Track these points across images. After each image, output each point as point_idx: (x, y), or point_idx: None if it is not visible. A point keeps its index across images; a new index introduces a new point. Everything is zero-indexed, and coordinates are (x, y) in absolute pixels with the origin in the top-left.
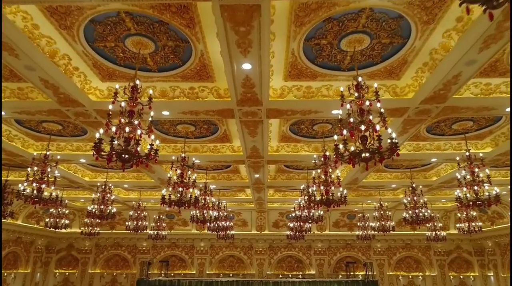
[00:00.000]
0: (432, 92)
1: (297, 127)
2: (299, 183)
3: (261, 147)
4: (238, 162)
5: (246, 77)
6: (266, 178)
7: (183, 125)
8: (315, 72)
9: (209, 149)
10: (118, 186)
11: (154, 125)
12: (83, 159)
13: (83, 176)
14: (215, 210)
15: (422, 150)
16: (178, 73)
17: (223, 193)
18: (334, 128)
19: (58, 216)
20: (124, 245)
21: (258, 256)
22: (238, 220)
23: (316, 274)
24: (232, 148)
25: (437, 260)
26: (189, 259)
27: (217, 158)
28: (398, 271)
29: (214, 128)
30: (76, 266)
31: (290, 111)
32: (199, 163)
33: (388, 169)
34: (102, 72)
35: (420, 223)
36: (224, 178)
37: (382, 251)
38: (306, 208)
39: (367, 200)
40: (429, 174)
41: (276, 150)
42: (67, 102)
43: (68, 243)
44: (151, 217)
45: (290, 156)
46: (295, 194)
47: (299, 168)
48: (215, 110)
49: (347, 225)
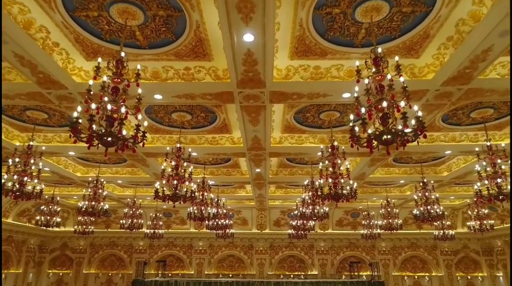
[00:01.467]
0: (455, 72)
1: (302, 116)
2: (303, 179)
3: (263, 138)
4: (238, 154)
5: (247, 52)
6: (268, 173)
7: (179, 113)
8: (325, 49)
9: (207, 140)
10: (112, 181)
11: (147, 114)
12: (72, 152)
13: (74, 171)
14: (214, 207)
15: (436, 141)
16: (171, 50)
17: (222, 190)
18: (343, 116)
19: (49, 213)
20: (120, 244)
21: (259, 256)
22: (238, 219)
23: (318, 275)
24: (231, 139)
25: (444, 260)
26: (187, 259)
27: (216, 150)
28: (404, 271)
29: (212, 117)
30: (70, 266)
31: (296, 95)
32: (196, 155)
33: (396, 163)
34: (86, 49)
35: (432, 220)
36: (224, 173)
37: (387, 250)
38: (310, 204)
39: (372, 197)
40: (439, 169)
41: (279, 141)
42: (47, 83)
43: (62, 243)
44: (148, 215)
45: (294, 148)
46: (297, 191)
47: (303, 162)
48: (213, 94)
49: (350, 224)
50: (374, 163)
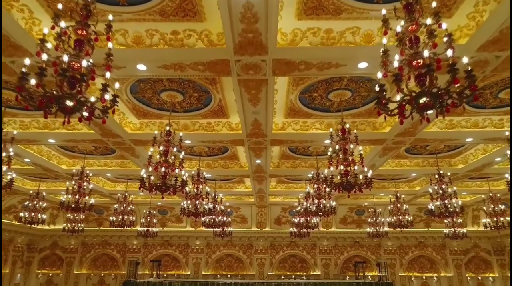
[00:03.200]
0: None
1: (309, 97)
2: (306, 171)
3: (264, 122)
4: (237, 142)
5: (246, 4)
6: (269, 165)
7: (169, 93)
8: (340, 5)
9: (202, 126)
10: (100, 175)
11: (132, 94)
12: (51, 139)
13: (59, 163)
14: (210, 202)
15: (456, 127)
16: (155, 7)
17: (220, 185)
18: (355, 96)
19: (34, 210)
20: (113, 243)
21: (259, 256)
22: (237, 216)
23: (321, 275)
24: (229, 125)
25: (453, 260)
26: (184, 258)
27: (212, 137)
28: (411, 271)
29: (206, 98)
30: (60, 266)
31: (303, 64)
32: (190, 143)
33: (409, 154)
34: None
35: (449, 216)
36: (221, 165)
37: (393, 250)
38: (315, 198)
39: (380, 192)
40: (454, 161)
41: (281, 127)
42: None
43: (52, 241)
44: (141, 212)
45: (298, 135)
46: (300, 186)
47: (307, 153)
48: (206, 63)
49: (355, 222)
50: (386, 152)
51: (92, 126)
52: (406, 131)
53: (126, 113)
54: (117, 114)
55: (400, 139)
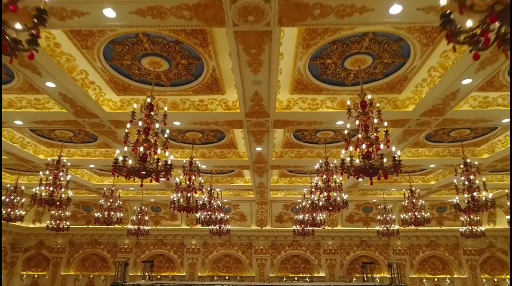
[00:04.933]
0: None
1: (321, 65)
2: (312, 162)
3: (266, 96)
4: (234, 124)
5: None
6: (271, 153)
7: (151, 58)
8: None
9: (193, 104)
10: (82, 165)
11: (108, 61)
12: (18, 120)
13: (36, 153)
14: (204, 194)
15: (491, 105)
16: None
17: (217, 179)
18: (376, 64)
19: (11, 205)
20: (103, 242)
21: (259, 256)
22: (236, 214)
23: (326, 277)
24: (225, 103)
25: (467, 261)
26: (178, 259)
27: (205, 117)
28: (422, 273)
29: (197, 66)
30: (46, 267)
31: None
32: (180, 125)
33: (429, 142)
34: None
35: (478, 211)
36: (217, 155)
37: (403, 250)
38: (325, 190)
39: (390, 187)
40: (479, 150)
41: (286, 106)
42: None
43: (38, 240)
44: (132, 209)
45: (307, 115)
46: (304, 181)
47: (314, 140)
48: (192, 6)
49: (362, 219)
50: (406, 137)
51: (62, 103)
52: (434, 109)
53: (103, 88)
54: (92, 88)
55: (425, 119)
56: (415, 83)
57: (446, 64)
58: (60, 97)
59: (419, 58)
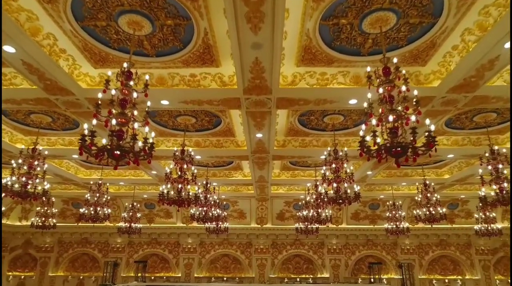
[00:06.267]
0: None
1: (334, 26)
2: (318, 152)
3: (269, 66)
4: (230, 102)
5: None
6: (273, 142)
7: (128, 16)
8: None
9: (183, 79)
10: (65, 156)
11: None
12: None
13: (12, 142)
14: (198, 186)
15: None
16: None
17: (214, 172)
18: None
19: None
20: (94, 241)
21: (259, 256)
22: (234, 211)
23: (330, 278)
24: (220, 78)
25: (479, 261)
26: (174, 259)
27: (197, 94)
28: (432, 273)
29: (186, 30)
30: (34, 267)
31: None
32: (168, 105)
33: (448, 128)
34: None
35: (507, 204)
36: (213, 144)
37: (411, 249)
38: (334, 182)
39: (401, 182)
40: (502, 139)
41: (292, 81)
42: None
43: (25, 239)
44: (125, 205)
45: (315, 91)
46: (307, 174)
47: (321, 127)
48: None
49: (368, 217)
50: None
51: (28, 74)
52: (465, 84)
53: (77, 59)
54: (64, 58)
55: (453, 97)
56: (443, 52)
57: (485, 24)
58: (24, 67)
59: (453, 16)
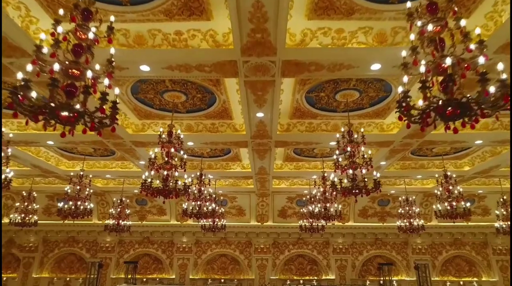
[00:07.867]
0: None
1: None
2: (327, 138)
3: (273, 31)
4: (225, 67)
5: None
6: (276, 123)
7: None
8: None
9: (166, 39)
10: (38, 142)
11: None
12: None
13: None
14: (187, 176)
15: None
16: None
17: (210, 164)
18: None
19: None
20: (81, 240)
21: (259, 256)
22: (232, 207)
23: (336, 280)
24: (212, 36)
25: (497, 261)
26: (167, 259)
27: (187, 54)
28: (445, 275)
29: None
30: (17, 268)
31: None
32: (149, 72)
33: None
34: None
35: None
36: (207, 128)
37: (423, 249)
38: (350, 168)
39: (416, 174)
40: None
41: (301, 41)
42: None
43: (7, 238)
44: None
45: (330, 52)
46: (313, 166)
47: (331, 107)
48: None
49: (377, 214)
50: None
51: None
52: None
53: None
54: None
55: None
56: None
57: None
58: None
59: None
